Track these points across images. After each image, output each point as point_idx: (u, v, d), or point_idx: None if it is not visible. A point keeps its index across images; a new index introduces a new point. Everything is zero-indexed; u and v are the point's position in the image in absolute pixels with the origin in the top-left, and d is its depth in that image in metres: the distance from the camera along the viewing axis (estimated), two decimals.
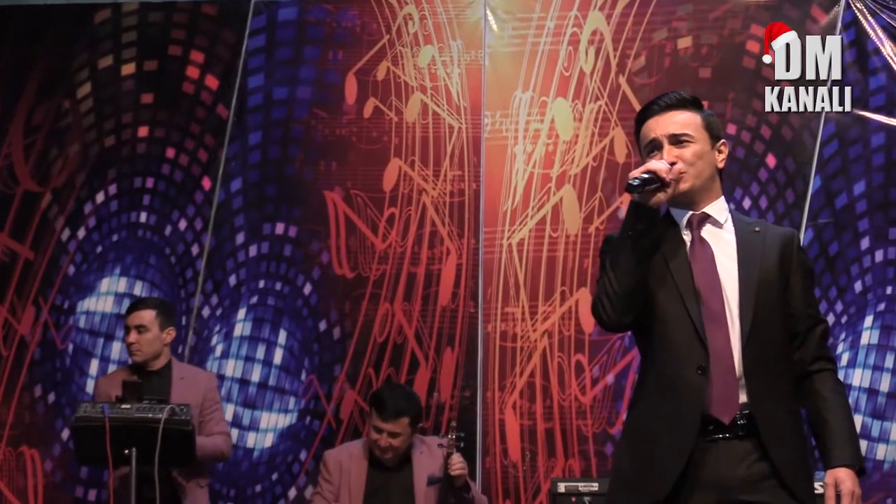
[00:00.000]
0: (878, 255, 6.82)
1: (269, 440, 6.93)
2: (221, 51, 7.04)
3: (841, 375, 6.60)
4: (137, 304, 6.35)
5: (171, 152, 7.04)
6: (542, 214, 6.92)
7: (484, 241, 6.91)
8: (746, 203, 6.82)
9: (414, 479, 6.10)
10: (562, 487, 6.23)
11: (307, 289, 6.97)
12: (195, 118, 7.03)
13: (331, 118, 7.00)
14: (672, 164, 3.54)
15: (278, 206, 7.02)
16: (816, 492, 3.61)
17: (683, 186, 3.57)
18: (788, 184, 6.86)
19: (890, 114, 6.85)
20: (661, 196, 3.50)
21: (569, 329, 6.88)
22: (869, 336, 6.83)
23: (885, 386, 6.79)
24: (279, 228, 7.00)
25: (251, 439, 6.88)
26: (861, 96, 6.86)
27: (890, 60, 6.84)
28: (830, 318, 6.78)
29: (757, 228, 3.64)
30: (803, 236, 6.73)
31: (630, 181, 3.46)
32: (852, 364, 6.80)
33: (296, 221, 7.00)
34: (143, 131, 7.05)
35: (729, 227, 3.64)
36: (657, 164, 3.52)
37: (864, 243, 6.82)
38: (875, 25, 6.85)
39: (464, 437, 6.15)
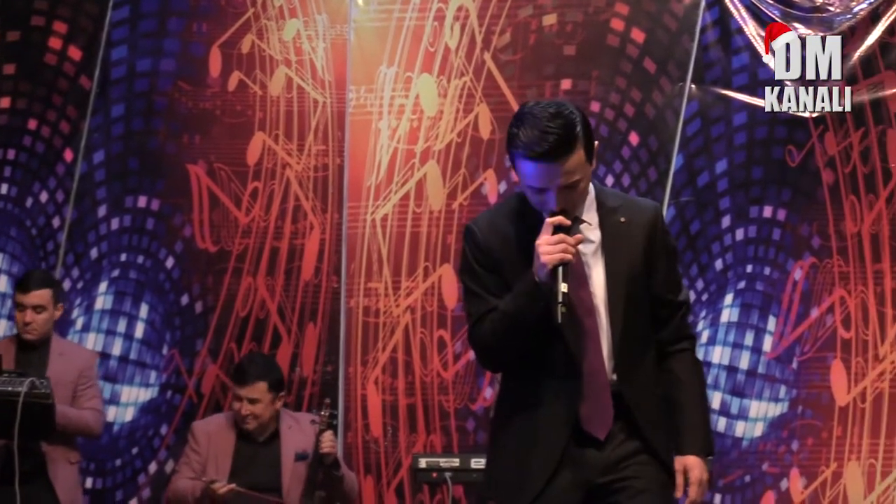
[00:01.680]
0: (739, 234, 6.87)
1: (129, 414, 6.89)
2: (84, 22, 6.96)
3: (701, 353, 6.71)
4: (32, 282, 6.25)
5: (32, 123, 6.96)
6: (406, 190, 6.91)
7: (348, 217, 6.90)
8: (609, 181, 6.84)
9: (282, 454, 6.12)
10: (423, 463, 6.26)
11: (169, 262, 6.93)
12: (57, 89, 6.95)
13: (195, 91, 6.96)
14: (563, 211, 3.40)
15: (141, 179, 6.96)
16: None
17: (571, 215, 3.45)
18: (651, 162, 6.89)
19: (752, 93, 6.88)
20: None
21: (431, 305, 6.88)
22: (729, 314, 6.88)
23: (744, 363, 6.84)
24: (142, 201, 6.95)
25: (112, 413, 6.83)
26: (724, 75, 6.89)
27: (752, 40, 6.86)
28: (691, 296, 6.82)
29: (622, 219, 3.52)
30: (665, 214, 6.75)
31: (560, 312, 3.31)
32: (712, 341, 6.85)
33: (159, 195, 6.95)
34: (4, 102, 6.96)
35: (596, 222, 3.52)
36: (566, 254, 3.35)
37: (725, 221, 6.86)
38: (738, 4, 6.87)
39: (336, 415, 6.19)
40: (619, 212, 3.54)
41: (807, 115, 6.83)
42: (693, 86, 6.86)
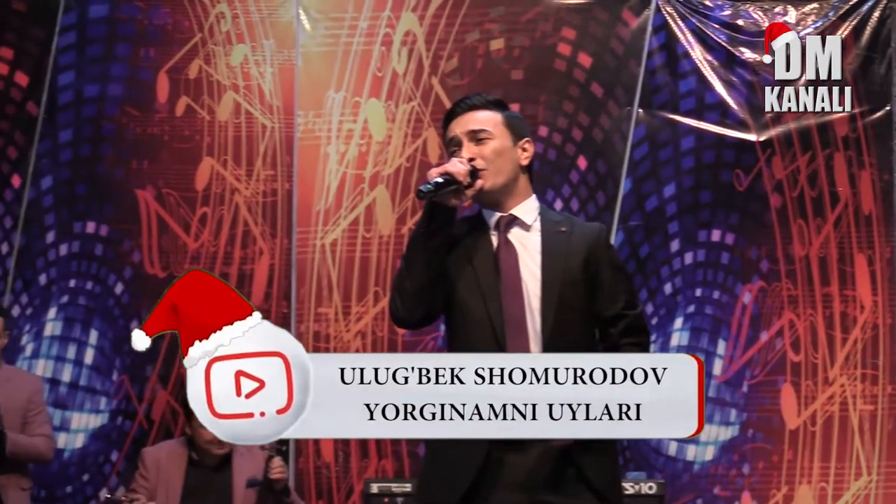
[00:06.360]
0: (688, 258, 6.88)
1: (79, 441, 6.87)
2: (31, 47, 6.93)
3: None
4: None
5: None
6: (356, 215, 6.90)
7: (297, 242, 6.89)
8: (558, 205, 6.84)
9: (233, 481, 6.10)
10: (375, 488, 6.24)
11: (118, 288, 6.91)
12: (4, 115, 6.92)
13: (142, 116, 6.93)
14: (471, 160, 3.52)
15: (89, 204, 6.94)
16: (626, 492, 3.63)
17: (485, 185, 3.53)
18: (599, 186, 6.89)
19: (699, 117, 6.89)
20: (454, 200, 3.49)
21: (382, 330, 6.88)
22: (679, 338, 6.89)
23: None
24: (90, 227, 6.93)
25: (62, 440, 6.81)
26: (671, 99, 6.91)
27: (699, 64, 6.88)
28: None
29: (563, 228, 3.61)
30: (614, 238, 6.76)
31: (420, 188, 3.44)
32: None
33: (107, 220, 6.93)
34: None
35: (536, 228, 3.60)
36: (453, 167, 3.49)
37: (674, 245, 6.87)
38: (685, 29, 6.89)
39: (286, 441, 6.17)
40: (562, 224, 3.63)
41: (754, 138, 6.85)
42: (640, 110, 6.87)
